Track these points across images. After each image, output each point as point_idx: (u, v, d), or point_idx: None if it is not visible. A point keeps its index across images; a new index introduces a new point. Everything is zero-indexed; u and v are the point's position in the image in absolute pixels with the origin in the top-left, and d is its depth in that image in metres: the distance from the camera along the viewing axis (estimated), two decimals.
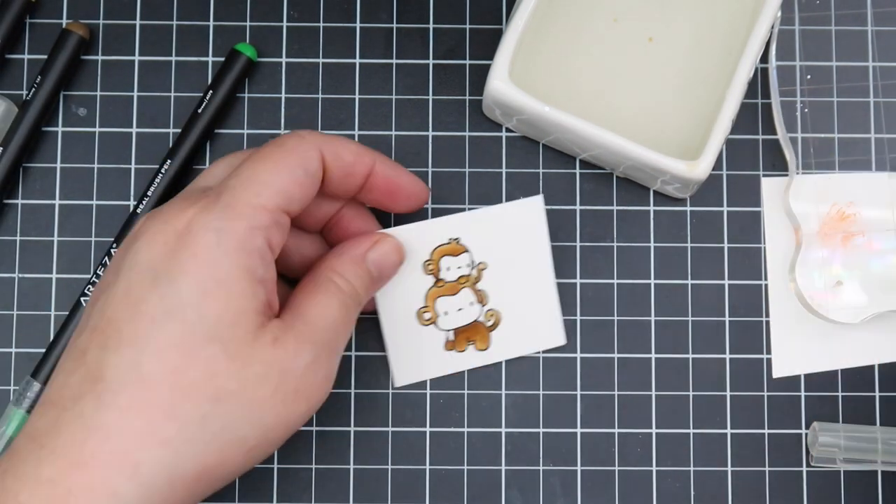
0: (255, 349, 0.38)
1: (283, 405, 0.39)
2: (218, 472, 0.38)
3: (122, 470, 0.37)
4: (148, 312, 0.37)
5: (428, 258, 0.47)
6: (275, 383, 0.38)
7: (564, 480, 0.48)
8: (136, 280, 0.38)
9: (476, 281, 0.47)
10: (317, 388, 0.40)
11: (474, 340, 0.48)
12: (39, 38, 0.50)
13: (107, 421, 0.37)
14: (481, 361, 0.48)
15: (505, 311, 0.48)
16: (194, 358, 0.37)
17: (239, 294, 0.38)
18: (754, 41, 0.46)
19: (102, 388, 0.37)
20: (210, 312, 0.37)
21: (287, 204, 0.40)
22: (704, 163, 0.45)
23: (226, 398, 0.37)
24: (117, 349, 0.37)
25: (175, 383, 0.37)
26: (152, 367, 0.37)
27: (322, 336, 0.40)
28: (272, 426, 0.39)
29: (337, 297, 0.41)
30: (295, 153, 0.40)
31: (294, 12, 0.50)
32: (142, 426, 0.37)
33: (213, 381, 0.37)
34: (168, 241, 0.38)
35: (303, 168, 0.40)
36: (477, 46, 0.50)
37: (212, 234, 0.38)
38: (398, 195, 0.44)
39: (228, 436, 0.38)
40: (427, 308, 0.47)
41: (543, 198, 0.47)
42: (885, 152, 0.49)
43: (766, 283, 0.49)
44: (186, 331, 0.37)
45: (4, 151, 0.48)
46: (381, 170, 0.43)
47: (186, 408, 0.37)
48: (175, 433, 0.37)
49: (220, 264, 0.38)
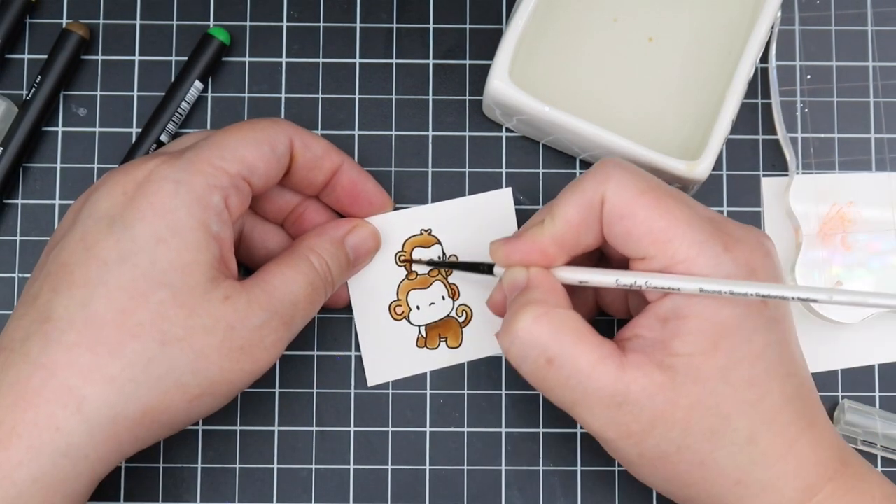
0: (204, 301, 0.39)
1: (227, 360, 0.39)
2: (161, 416, 0.39)
3: (66, 405, 0.37)
4: (101, 256, 0.38)
5: (400, 249, 0.47)
6: (220, 337, 0.39)
7: (564, 480, 0.48)
8: (93, 226, 0.39)
9: (448, 274, 0.48)
10: (263, 351, 0.40)
11: (446, 337, 0.48)
12: (39, 38, 0.50)
13: (53, 358, 0.38)
14: (453, 360, 0.48)
15: (476, 306, 0.48)
16: (143, 301, 0.38)
17: (193, 244, 0.39)
18: (754, 41, 0.46)
19: (50, 327, 0.38)
20: (162, 258, 0.38)
21: (249, 173, 0.41)
22: (704, 163, 0.45)
23: (171, 343, 0.38)
24: (68, 290, 0.38)
25: (122, 324, 0.38)
26: (100, 307, 0.38)
27: (278, 305, 0.41)
28: (216, 380, 0.39)
29: (305, 275, 0.42)
30: (265, 131, 0.42)
31: (294, 12, 0.50)
32: (87, 363, 0.37)
33: (159, 324, 0.38)
34: (127, 191, 0.39)
35: (269, 145, 0.41)
36: (477, 46, 0.50)
37: (170, 185, 0.39)
38: (360, 199, 0.46)
39: (171, 381, 0.38)
40: (400, 302, 0.48)
41: (512, 190, 0.48)
42: (885, 152, 0.49)
43: None
44: (137, 275, 0.38)
45: (4, 151, 0.48)
46: (348, 170, 0.45)
47: (132, 348, 0.38)
48: (119, 371, 0.38)
49: (177, 213, 0.39)
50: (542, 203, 0.49)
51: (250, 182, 0.41)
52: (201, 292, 0.39)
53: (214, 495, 0.48)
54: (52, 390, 0.37)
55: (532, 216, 0.43)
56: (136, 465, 0.48)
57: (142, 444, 0.39)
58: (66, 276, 0.38)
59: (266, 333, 0.40)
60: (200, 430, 0.48)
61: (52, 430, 0.37)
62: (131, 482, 0.48)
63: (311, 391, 0.48)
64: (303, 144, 0.43)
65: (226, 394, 0.40)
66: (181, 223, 0.39)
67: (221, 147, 0.40)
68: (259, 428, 0.48)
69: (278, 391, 0.48)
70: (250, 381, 0.41)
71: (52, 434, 0.37)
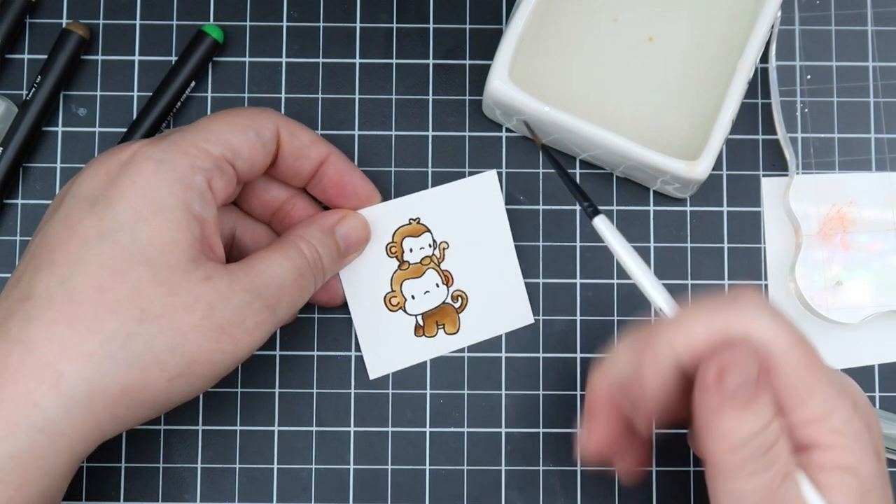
0: (184, 279, 0.39)
1: (206, 340, 0.39)
2: (139, 394, 0.39)
3: (44, 381, 0.37)
4: (82, 234, 0.38)
5: (390, 240, 0.48)
6: (200, 316, 0.39)
7: (564, 480, 0.48)
8: (76, 206, 0.39)
9: (440, 261, 0.48)
10: (244, 333, 0.40)
11: (443, 324, 0.48)
12: (39, 38, 0.50)
13: (32, 335, 0.38)
14: (452, 346, 0.48)
15: (471, 290, 0.48)
16: (122, 278, 0.38)
17: (174, 223, 0.39)
18: (754, 41, 0.46)
19: (31, 304, 0.38)
20: (142, 236, 0.38)
21: (233, 156, 0.41)
22: (704, 163, 0.45)
23: (149, 320, 0.38)
24: (49, 269, 0.38)
25: (101, 300, 0.38)
26: (79, 284, 0.38)
27: (262, 288, 0.40)
28: (195, 359, 0.39)
29: (292, 260, 0.42)
30: (250, 118, 0.42)
31: (294, 12, 0.50)
32: (65, 339, 0.37)
33: (138, 301, 0.38)
34: (111, 172, 0.40)
35: (255, 131, 0.42)
36: (477, 46, 0.50)
37: (152, 164, 0.39)
38: (347, 191, 0.46)
39: (150, 358, 0.38)
40: (394, 293, 0.48)
41: (497, 172, 0.48)
42: (885, 152, 0.49)
43: (766, 283, 0.49)
44: (117, 252, 0.38)
45: (4, 151, 0.48)
46: (335, 162, 0.45)
47: (111, 324, 0.38)
48: (97, 347, 0.38)
49: (158, 192, 0.39)
50: (542, 203, 0.49)
51: (235, 165, 0.41)
52: (181, 271, 0.39)
53: (214, 495, 0.48)
54: (30, 366, 0.37)
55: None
56: (137, 466, 0.48)
57: (121, 423, 0.39)
58: (47, 256, 0.39)
59: (248, 314, 0.40)
60: (200, 431, 0.48)
61: (30, 406, 0.37)
62: (131, 482, 0.48)
63: (311, 391, 0.48)
64: (289, 133, 0.43)
65: (206, 375, 0.40)
66: (162, 202, 0.39)
67: (206, 130, 0.41)
68: (259, 428, 0.48)
69: (278, 391, 0.48)
70: (232, 364, 0.40)
71: (28, 410, 0.37)
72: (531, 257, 0.49)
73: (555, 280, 0.49)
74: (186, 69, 0.48)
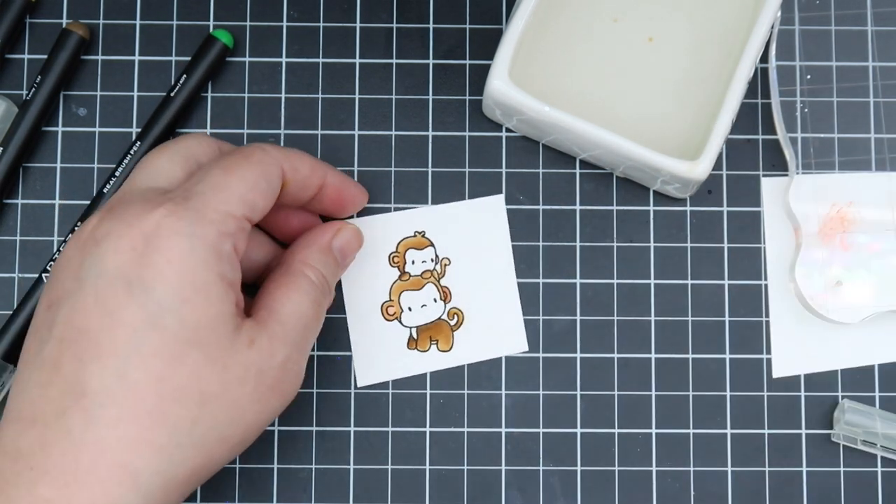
0: (233, 352, 0.39)
1: (260, 403, 0.40)
2: (205, 471, 0.39)
3: (122, 482, 0.37)
4: (127, 321, 0.38)
5: (394, 250, 0.48)
6: (253, 383, 0.39)
7: (564, 480, 0.48)
8: (107, 287, 0.38)
9: (440, 276, 0.48)
10: (289, 384, 0.41)
11: (437, 340, 0.48)
12: (39, 38, 0.50)
13: (99, 435, 0.37)
14: (444, 364, 0.48)
15: (468, 310, 0.48)
16: (178, 364, 0.38)
17: (216, 299, 0.39)
18: (754, 41, 0.46)
19: (88, 401, 0.37)
20: (190, 318, 0.38)
21: (251, 213, 0.41)
22: (704, 163, 0.45)
23: (210, 401, 0.38)
24: (98, 360, 0.37)
25: (162, 390, 0.37)
26: (138, 377, 0.37)
27: (294, 335, 0.41)
28: (252, 423, 0.40)
29: (309, 294, 0.42)
30: (260, 166, 0.41)
31: (294, 12, 0.50)
32: (135, 436, 0.37)
33: (197, 385, 0.38)
34: (136, 246, 0.38)
35: (266, 180, 0.42)
36: (477, 46, 0.50)
37: (185, 240, 0.38)
38: (345, 203, 0.46)
39: (215, 436, 0.39)
40: (392, 302, 0.48)
41: (504, 197, 0.48)
42: (885, 152, 0.49)
43: (765, 283, 0.49)
44: (168, 339, 0.38)
45: (4, 151, 0.48)
46: (332, 181, 0.45)
47: (176, 413, 0.38)
48: (167, 439, 0.38)
49: (197, 271, 0.38)
50: (542, 203, 0.49)
51: (251, 219, 0.41)
52: (228, 343, 0.39)
53: (214, 495, 0.48)
54: (106, 469, 0.37)
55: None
56: None
57: (186, 496, 0.40)
58: (90, 345, 0.38)
59: (289, 366, 0.41)
60: None
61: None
62: None
63: (311, 391, 0.48)
64: (292, 168, 0.43)
65: (259, 431, 0.41)
66: (202, 280, 0.38)
67: (224, 190, 0.40)
68: None
69: None
70: (279, 413, 0.41)
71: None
72: (531, 257, 0.49)
73: (555, 280, 0.49)
74: (196, 75, 0.48)
